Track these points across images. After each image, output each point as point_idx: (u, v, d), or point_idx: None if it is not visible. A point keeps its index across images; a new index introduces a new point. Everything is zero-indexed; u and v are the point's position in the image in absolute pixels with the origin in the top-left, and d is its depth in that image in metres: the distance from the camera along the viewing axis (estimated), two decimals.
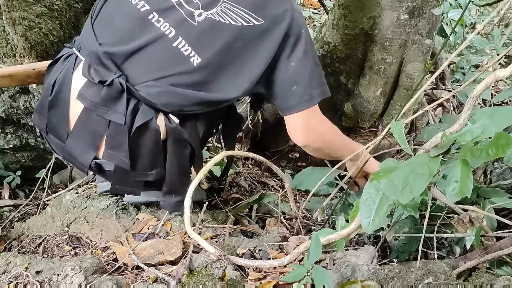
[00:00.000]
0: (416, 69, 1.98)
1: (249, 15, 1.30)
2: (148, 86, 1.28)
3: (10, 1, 1.58)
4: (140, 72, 1.30)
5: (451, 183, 0.84)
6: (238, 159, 2.15)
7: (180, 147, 1.34)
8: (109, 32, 1.34)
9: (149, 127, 1.27)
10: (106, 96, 1.26)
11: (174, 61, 1.29)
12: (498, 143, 0.80)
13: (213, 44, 1.29)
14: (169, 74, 1.29)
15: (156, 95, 1.27)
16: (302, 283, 1.02)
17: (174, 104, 1.29)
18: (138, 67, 1.30)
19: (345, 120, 2.23)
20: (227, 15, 1.30)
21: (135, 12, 1.33)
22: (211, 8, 1.31)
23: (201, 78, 1.29)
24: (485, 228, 1.22)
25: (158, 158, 1.32)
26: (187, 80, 1.29)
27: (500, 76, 1.00)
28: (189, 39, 1.29)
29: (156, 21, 1.31)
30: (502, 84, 2.64)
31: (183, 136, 1.33)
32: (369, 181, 0.94)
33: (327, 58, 2.09)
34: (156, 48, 1.30)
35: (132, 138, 1.26)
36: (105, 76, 1.27)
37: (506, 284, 1.03)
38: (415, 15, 1.87)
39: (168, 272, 1.20)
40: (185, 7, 1.32)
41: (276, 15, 1.31)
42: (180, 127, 1.31)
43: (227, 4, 1.31)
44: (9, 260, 1.23)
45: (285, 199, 1.84)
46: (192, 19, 1.31)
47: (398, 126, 1.05)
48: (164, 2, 1.33)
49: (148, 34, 1.30)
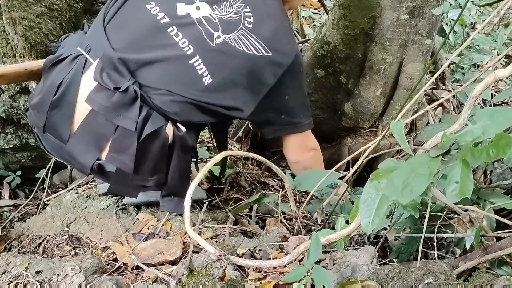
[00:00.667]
0: (416, 69, 1.98)
1: (261, 46, 1.37)
2: (161, 94, 1.32)
3: (10, 1, 1.58)
4: (154, 81, 1.33)
5: (451, 184, 0.84)
6: (238, 159, 2.15)
7: (185, 153, 1.39)
8: (124, 38, 1.36)
9: (158, 134, 1.30)
10: (118, 101, 1.28)
11: (187, 77, 1.34)
12: (499, 144, 0.80)
13: (225, 67, 1.36)
14: (180, 88, 1.33)
15: (169, 104, 1.31)
16: (302, 283, 1.02)
17: (184, 114, 1.34)
18: (153, 76, 1.33)
19: (345, 120, 2.23)
20: (242, 42, 1.36)
21: (154, 22, 1.36)
22: (229, 32, 1.37)
23: (209, 96, 1.35)
24: (485, 228, 1.22)
25: (161, 163, 1.35)
26: (196, 97, 1.34)
27: (500, 76, 1.00)
28: (205, 59, 1.34)
29: (175, 34, 1.35)
30: (502, 84, 2.64)
31: (189, 143, 1.38)
32: (369, 181, 0.94)
33: (327, 58, 2.09)
34: (174, 61, 1.34)
35: (141, 144, 1.28)
36: (119, 82, 1.29)
37: (506, 284, 1.03)
38: (415, 15, 1.87)
39: (168, 272, 1.20)
40: (205, 26, 1.36)
41: (284, 51, 1.41)
42: (186, 134, 1.36)
43: (244, 32, 1.38)
44: (9, 260, 1.23)
45: (285, 199, 1.84)
46: (210, 39, 1.36)
47: (398, 126, 1.05)
48: (186, 17, 1.37)
49: (167, 46, 1.34)
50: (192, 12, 1.37)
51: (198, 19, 1.37)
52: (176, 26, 1.35)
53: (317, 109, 2.26)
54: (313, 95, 2.22)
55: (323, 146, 2.39)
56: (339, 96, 2.21)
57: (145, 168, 1.33)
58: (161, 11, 1.37)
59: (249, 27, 1.38)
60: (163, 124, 1.31)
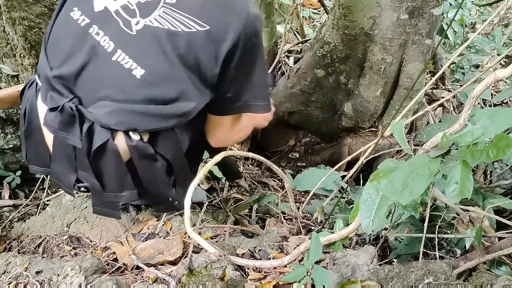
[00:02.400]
0: (416, 69, 1.98)
1: (191, 21, 1.19)
2: (97, 107, 1.21)
3: (10, 1, 1.58)
4: (89, 92, 1.23)
5: (451, 184, 0.84)
6: (238, 159, 2.15)
7: (148, 163, 1.27)
8: (59, 54, 1.27)
9: (106, 149, 1.22)
10: (61, 121, 1.24)
11: (116, 77, 1.20)
12: (499, 144, 0.80)
13: (154, 53, 1.19)
14: (114, 91, 1.21)
15: (105, 116, 1.20)
16: (302, 283, 1.02)
17: (126, 123, 1.21)
18: (86, 87, 1.23)
19: (345, 120, 2.24)
20: (166, 21, 1.19)
21: (76, 27, 1.25)
22: (149, 14, 1.21)
23: (149, 91, 1.20)
24: (486, 228, 1.22)
25: (126, 179, 1.27)
26: (134, 95, 1.20)
27: (500, 76, 1.00)
28: (128, 50, 1.20)
29: (96, 33, 1.23)
30: (502, 84, 2.64)
31: (149, 151, 1.25)
32: (369, 181, 0.94)
33: (327, 58, 2.09)
34: (98, 64, 1.22)
35: (92, 161, 1.23)
36: (58, 101, 1.23)
37: (506, 284, 1.03)
38: (415, 15, 1.87)
39: (168, 272, 1.20)
40: (122, 15, 1.23)
41: (226, 22, 1.19)
42: (143, 143, 1.23)
43: (167, 9, 1.20)
44: (9, 260, 1.23)
45: (285, 199, 1.84)
46: (129, 28, 1.21)
47: (398, 126, 1.05)
48: (103, 12, 1.24)
49: (90, 50, 1.22)
50: (109, 4, 1.25)
51: (116, 10, 1.23)
52: (96, 25, 1.23)
53: (317, 109, 2.27)
54: (313, 95, 2.22)
55: (323, 146, 2.39)
56: (339, 96, 2.21)
57: (110, 184, 1.28)
58: (82, 14, 1.26)
59: (172, 3, 1.20)
60: (108, 138, 1.21)
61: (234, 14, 1.20)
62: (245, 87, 1.28)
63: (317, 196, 1.86)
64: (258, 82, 1.29)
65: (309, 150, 2.43)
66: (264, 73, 1.31)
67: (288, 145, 2.43)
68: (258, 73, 1.28)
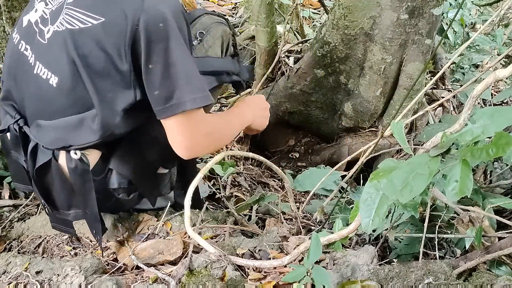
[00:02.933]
0: (416, 69, 1.98)
1: (86, 16, 1.09)
2: (35, 126, 1.20)
3: (10, 1, 1.59)
4: (29, 111, 1.22)
5: (451, 183, 0.84)
6: (238, 159, 2.15)
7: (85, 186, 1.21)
8: (9, 77, 1.27)
9: (48, 168, 1.21)
10: (11, 142, 1.25)
11: (40, 90, 1.17)
12: (499, 143, 0.80)
13: (61, 59, 1.12)
14: (43, 105, 1.18)
15: (41, 136, 1.18)
16: (302, 283, 1.02)
17: (57, 140, 1.16)
18: (27, 106, 1.23)
19: (345, 120, 2.23)
20: (66, 22, 1.12)
21: (12, 46, 1.25)
22: (56, 19, 1.15)
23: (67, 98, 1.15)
24: (485, 228, 1.22)
25: (73, 198, 1.25)
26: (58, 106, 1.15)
27: (500, 76, 1.00)
28: (43, 60, 1.16)
29: (24, 49, 1.21)
30: (502, 84, 2.64)
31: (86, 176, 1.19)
32: (369, 181, 0.94)
33: (327, 58, 2.09)
34: (28, 81, 1.19)
35: (36, 180, 1.23)
36: (8, 122, 1.24)
37: (506, 284, 1.03)
38: (415, 15, 1.87)
39: (168, 272, 1.20)
40: (39, 26, 1.19)
41: (122, 10, 1.07)
42: (82, 164, 1.17)
43: (68, 10, 1.14)
44: (9, 260, 1.23)
45: (285, 199, 1.84)
46: (42, 38, 1.17)
47: (398, 126, 1.05)
48: (28, 26, 1.21)
49: (21, 67, 1.21)
50: (31, 17, 1.21)
51: (35, 21, 1.19)
52: (23, 40, 1.22)
53: (317, 109, 2.27)
54: (313, 95, 2.22)
55: (323, 146, 2.39)
56: (339, 96, 2.21)
57: (59, 202, 1.27)
58: (16, 32, 1.25)
59: (71, 2, 1.13)
60: (50, 157, 1.19)
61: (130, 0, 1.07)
62: (171, 81, 1.10)
63: (317, 196, 1.86)
64: (185, 74, 1.12)
65: (309, 150, 2.43)
66: (188, 62, 1.13)
67: (288, 145, 2.43)
68: (181, 63, 1.11)
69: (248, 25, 2.96)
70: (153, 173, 1.39)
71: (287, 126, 2.40)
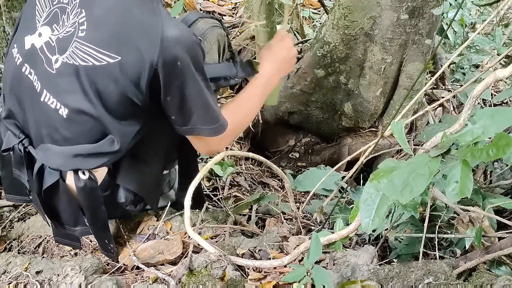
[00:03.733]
0: (416, 69, 1.98)
1: (100, 53, 1.10)
2: (42, 149, 1.20)
3: (10, 1, 1.59)
4: (35, 132, 1.22)
5: (451, 183, 0.84)
6: (238, 159, 2.15)
7: (94, 204, 1.23)
8: (11, 95, 1.27)
9: (56, 189, 1.21)
10: (14, 161, 1.25)
11: (47, 117, 1.18)
12: (499, 143, 0.80)
13: (73, 91, 1.13)
14: (51, 131, 1.19)
15: (49, 159, 1.19)
16: (302, 283, 1.02)
17: (67, 165, 1.18)
18: (31, 127, 1.23)
19: (345, 120, 2.24)
20: (78, 56, 1.12)
21: (14, 65, 1.23)
22: (65, 50, 1.14)
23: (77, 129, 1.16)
24: (485, 228, 1.22)
25: (78, 215, 1.26)
26: (67, 134, 1.17)
27: (500, 76, 1.00)
28: (51, 90, 1.16)
29: (29, 73, 1.20)
30: (502, 84, 2.64)
31: (95, 193, 1.21)
32: (369, 181, 0.94)
33: (327, 58, 2.09)
34: (33, 105, 1.20)
35: (43, 200, 1.24)
36: (12, 141, 1.24)
37: (506, 284, 1.03)
38: (415, 15, 1.87)
39: (168, 272, 1.20)
40: (45, 53, 1.17)
41: (138, 49, 1.08)
42: (91, 182, 1.19)
43: (78, 43, 1.12)
44: (9, 260, 1.23)
45: (285, 199, 1.84)
46: (50, 67, 1.16)
47: (398, 126, 1.05)
48: (32, 49, 1.19)
49: (25, 90, 1.21)
50: (35, 41, 1.19)
51: (41, 47, 1.17)
52: (27, 64, 1.20)
53: (317, 109, 2.27)
54: (313, 95, 2.22)
55: (323, 146, 2.39)
56: (339, 96, 2.21)
57: (65, 219, 1.28)
58: (18, 51, 1.23)
59: (82, 36, 1.12)
60: (57, 178, 1.19)
61: (146, 40, 1.08)
62: (187, 111, 1.17)
63: (317, 196, 1.86)
64: (201, 106, 1.17)
65: (309, 150, 2.43)
66: (206, 95, 1.17)
67: (288, 145, 2.43)
68: (198, 97, 1.16)
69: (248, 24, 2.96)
70: (158, 182, 1.42)
71: (287, 126, 2.40)
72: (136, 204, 1.33)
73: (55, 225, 1.31)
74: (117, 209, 1.32)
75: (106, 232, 1.29)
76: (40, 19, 1.19)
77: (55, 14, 1.17)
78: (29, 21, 1.22)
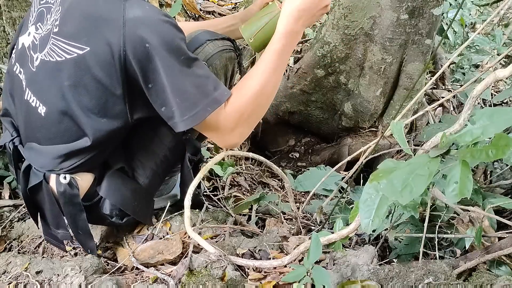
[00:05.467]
0: (416, 69, 1.98)
1: (70, 46, 1.08)
2: (27, 148, 1.22)
3: (10, 1, 1.59)
4: (23, 131, 1.24)
5: (451, 184, 0.84)
6: (238, 159, 2.15)
7: (73, 211, 1.21)
8: (5, 93, 1.30)
9: (39, 189, 1.22)
10: (8, 158, 1.29)
11: (30, 116, 1.18)
12: (498, 144, 0.80)
13: (49, 89, 1.12)
14: (33, 130, 1.19)
15: (31, 158, 1.20)
16: (302, 283, 1.02)
17: (46, 165, 1.18)
18: (20, 126, 1.24)
19: (345, 120, 2.24)
20: (54, 52, 1.11)
21: (10, 66, 1.26)
22: (44, 48, 1.13)
23: (55, 128, 1.15)
24: (485, 228, 1.22)
25: (61, 219, 1.25)
26: (46, 134, 1.16)
27: (500, 76, 1.00)
28: (32, 88, 1.16)
29: (19, 72, 1.20)
30: (502, 84, 2.64)
31: (75, 200, 1.20)
32: (369, 181, 0.94)
33: (327, 58, 2.09)
34: (20, 104, 1.21)
35: (27, 199, 1.25)
36: (6, 138, 1.27)
37: (506, 284, 1.03)
38: (415, 15, 1.87)
39: (168, 272, 1.20)
40: (30, 51, 1.17)
41: (104, 37, 1.05)
42: (70, 189, 1.18)
43: (54, 40, 1.11)
44: (9, 260, 1.23)
45: (285, 199, 1.84)
46: (32, 65, 1.16)
47: (398, 126, 1.05)
48: (22, 49, 1.21)
49: (16, 89, 1.22)
50: (25, 40, 1.20)
51: (28, 46, 1.18)
52: (18, 63, 1.21)
53: (317, 109, 2.27)
54: (313, 95, 2.22)
55: (323, 146, 2.39)
56: (339, 96, 2.21)
57: (49, 220, 1.29)
58: (14, 51, 1.25)
59: (56, 31, 1.11)
60: (41, 179, 1.20)
61: (109, 26, 1.05)
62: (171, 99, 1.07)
63: (317, 196, 1.86)
64: (181, 89, 1.07)
65: (309, 150, 2.43)
66: (186, 75, 1.08)
67: (288, 145, 2.43)
68: (177, 79, 1.07)
69: None
70: (148, 199, 1.37)
71: (287, 126, 2.40)
72: (123, 217, 1.30)
73: (42, 224, 1.32)
74: (104, 220, 1.31)
75: (88, 239, 1.26)
76: (32, 19, 1.21)
77: (41, 13, 1.18)
78: (26, 22, 1.25)
